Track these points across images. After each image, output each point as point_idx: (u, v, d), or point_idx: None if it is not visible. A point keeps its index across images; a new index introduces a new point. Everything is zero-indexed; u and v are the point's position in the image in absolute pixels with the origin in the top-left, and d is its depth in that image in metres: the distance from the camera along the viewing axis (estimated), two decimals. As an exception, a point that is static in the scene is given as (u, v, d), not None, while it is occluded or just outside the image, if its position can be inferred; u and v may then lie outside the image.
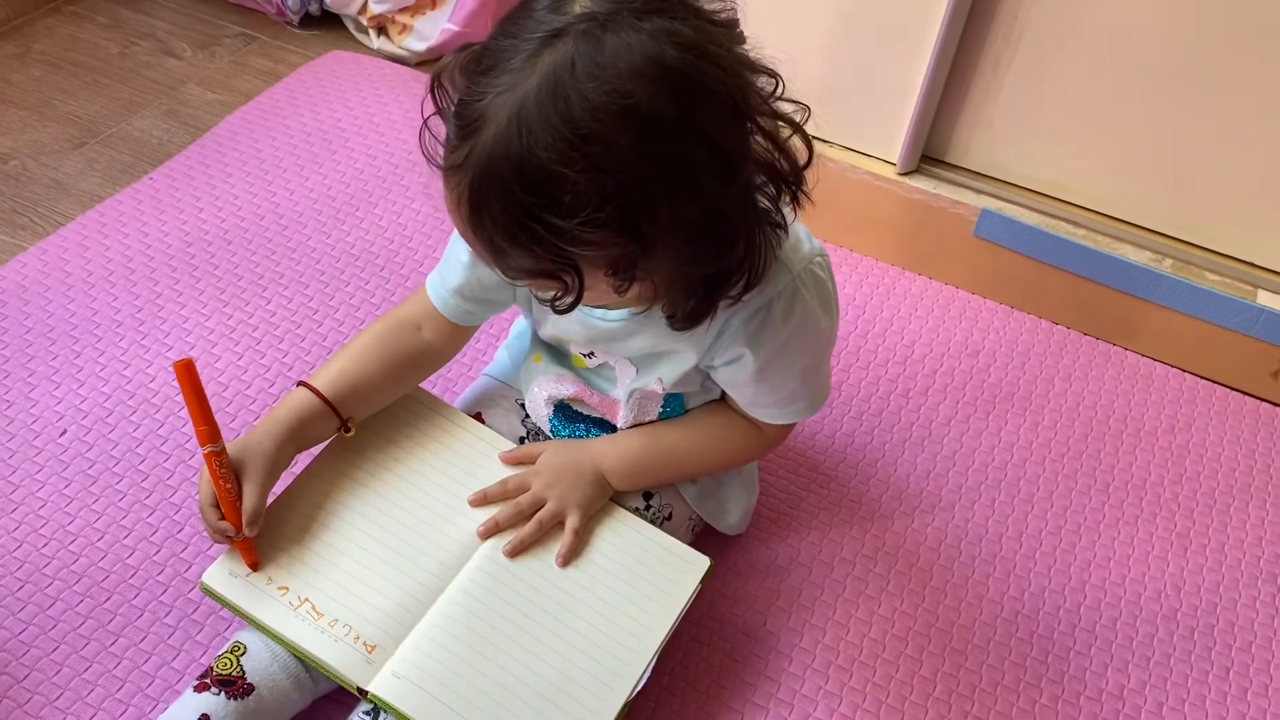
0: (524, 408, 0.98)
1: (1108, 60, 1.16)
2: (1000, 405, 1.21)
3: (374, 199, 1.36)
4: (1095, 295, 1.27)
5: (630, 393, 0.88)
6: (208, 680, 0.80)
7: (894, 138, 1.28)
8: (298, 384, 0.88)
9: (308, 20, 1.67)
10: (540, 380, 0.93)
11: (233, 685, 0.79)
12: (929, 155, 1.31)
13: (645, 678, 0.81)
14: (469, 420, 0.94)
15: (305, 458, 0.90)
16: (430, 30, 1.58)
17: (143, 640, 0.91)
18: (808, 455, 1.13)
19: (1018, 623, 1.01)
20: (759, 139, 0.68)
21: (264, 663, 0.81)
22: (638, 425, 0.91)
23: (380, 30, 1.63)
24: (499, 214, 0.63)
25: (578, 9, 0.62)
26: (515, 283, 0.71)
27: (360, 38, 1.65)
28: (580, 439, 0.93)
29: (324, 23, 1.68)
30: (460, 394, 1.04)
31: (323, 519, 0.86)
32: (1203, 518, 1.12)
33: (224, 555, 0.84)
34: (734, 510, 0.99)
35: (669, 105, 0.61)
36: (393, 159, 1.42)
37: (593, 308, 0.81)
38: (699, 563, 0.88)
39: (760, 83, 0.67)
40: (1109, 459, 1.16)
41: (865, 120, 1.29)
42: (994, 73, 1.22)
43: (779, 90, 0.68)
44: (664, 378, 0.85)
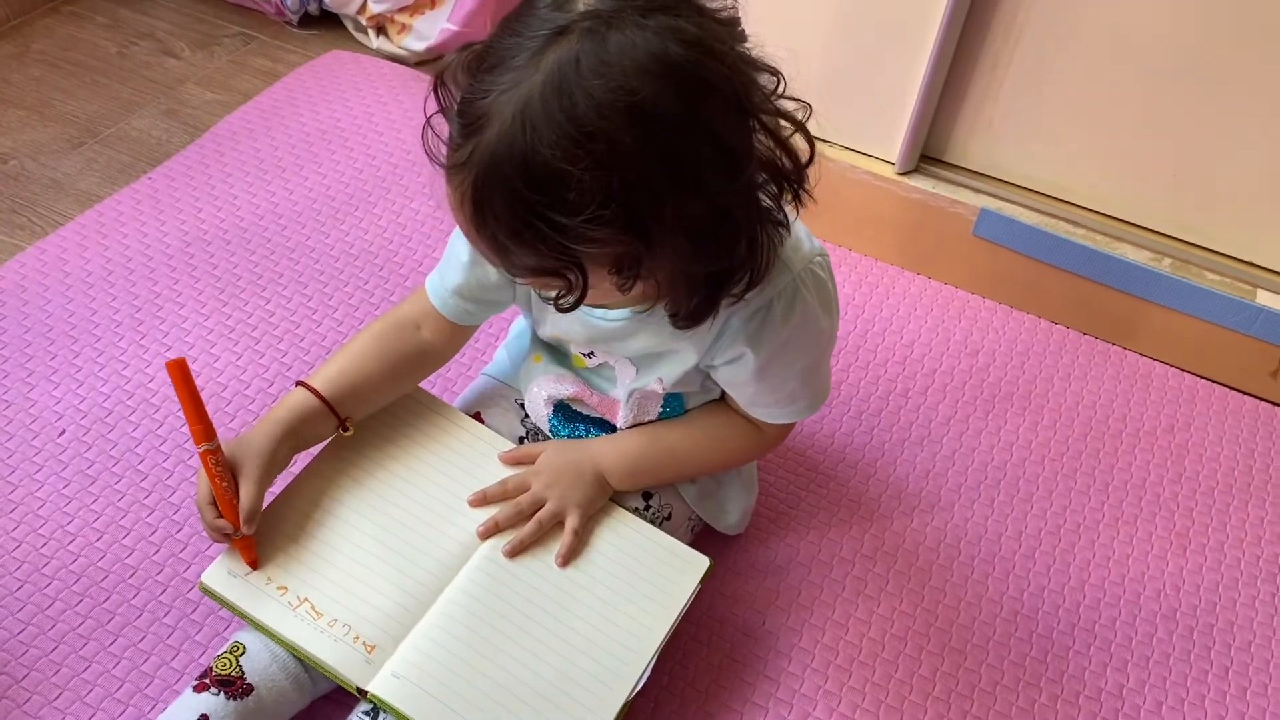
0: (523, 408, 0.98)
1: (1107, 60, 1.16)
2: (999, 405, 1.21)
3: (373, 199, 1.36)
4: (1094, 295, 1.27)
5: (630, 392, 0.88)
6: (207, 680, 0.80)
7: (893, 137, 1.28)
8: (296, 384, 0.88)
9: (307, 20, 1.67)
10: (540, 380, 0.93)
11: (232, 685, 0.79)
12: (928, 155, 1.31)
13: (645, 678, 0.81)
14: (468, 420, 0.94)
15: (305, 458, 0.90)
16: (429, 30, 1.58)
17: (142, 640, 0.91)
18: (807, 455, 1.13)
19: (1017, 622, 1.01)
20: (761, 137, 0.68)
21: (263, 663, 0.81)
22: (637, 425, 0.91)
23: (379, 30, 1.63)
24: (503, 212, 0.62)
25: (581, 6, 0.62)
26: (519, 281, 0.71)
27: (359, 37, 1.65)
28: (580, 439, 0.93)
29: (323, 22, 1.68)
30: (459, 394, 1.04)
31: (322, 518, 0.86)
32: (1202, 517, 1.12)
33: (223, 555, 0.84)
34: (733, 510, 0.99)
35: (673, 102, 0.61)
36: (392, 159, 1.42)
37: (593, 307, 0.81)
38: (699, 563, 0.88)
39: (762, 80, 0.67)
40: (1108, 458, 1.16)
41: (864, 120, 1.29)
42: (993, 72, 1.22)
43: (781, 88, 0.68)
44: (664, 377, 0.85)
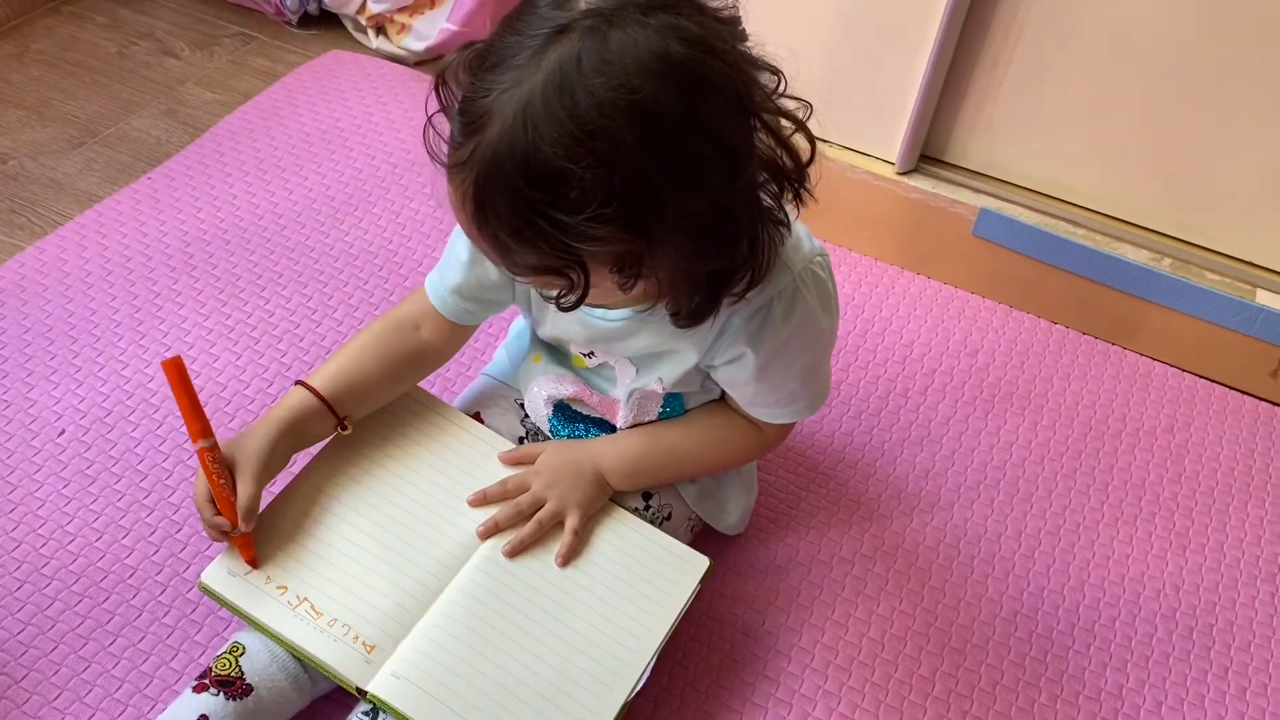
0: (523, 408, 0.98)
1: (1107, 60, 1.16)
2: (999, 405, 1.21)
3: (372, 199, 1.36)
4: (1094, 294, 1.27)
5: (630, 392, 0.88)
6: (206, 681, 0.80)
7: (893, 137, 1.28)
8: (295, 383, 0.88)
9: (306, 20, 1.67)
10: (540, 380, 0.93)
11: (231, 686, 0.79)
12: (928, 155, 1.31)
13: (645, 678, 0.81)
14: (468, 420, 0.94)
15: (304, 457, 0.90)
16: (429, 30, 1.58)
17: (141, 640, 0.91)
18: (807, 455, 1.13)
19: (1016, 622, 1.01)
20: (762, 136, 0.68)
21: (263, 663, 0.81)
22: (637, 425, 0.91)
23: (379, 30, 1.63)
24: (504, 210, 0.63)
25: (583, 5, 0.62)
26: (520, 280, 0.71)
27: (359, 37, 1.65)
28: (580, 439, 0.93)
29: (322, 22, 1.68)
30: (459, 394, 1.04)
31: (321, 518, 0.86)
32: (1201, 517, 1.12)
33: (222, 554, 0.84)
34: (733, 510, 0.99)
35: (675, 100, 0.61)
36: (391, 159, 1.42)
37: (593, 307, 0.81)
38: (698, 563, 0.88)
39: (763, 79, 0.67)
40: (1108, 458, 1.16)
41: (864, 120, 1.29)
42: (993, 72, 1.22)
43: (782, 87, 0.68)
44: (664, 377, 0.85)
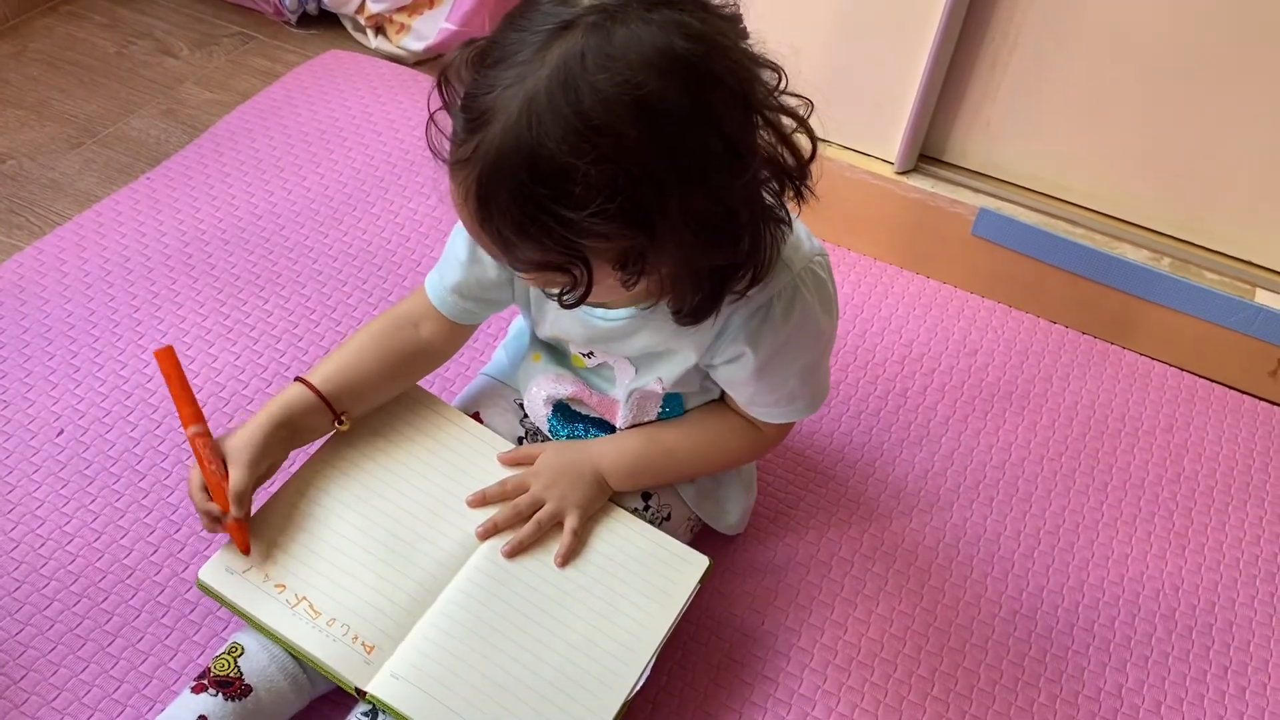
0: (522, 408, 0.98)
1: (1107, 60, 1.16)
2: (998, 404, 1.21)
3: (371, 199, 1.35)
4: (1093, 294, 1.27)
5: (629, 393, 0.88)
6: (205, 681, 0.80)
7: (892, 137, 1.28)
8: (295, 380, 0.88)
9: (305, 20, 1.67)
10: (539, 380, 0.93)
11: (230, 686, 0.79)
12: (927, 154, 1.31)
13: (644, 678, 0.81)
14: (468, 420, 0.94)
15: (303, 456, 0.90)
16: (428, 29, 1.58)
17: (140, 640, 0.91)
18: (806, 455, 1.13)
19: (1016, 622, 1.01)
20: (763, 133, 0.68)
21: (261, 664, 0.81)
22: (637, 425, 0.91)
23: (378, 30, 1.63)
24: (508, 206, 0.62)
25: (586, 1, 0.62)
26: (523, 276, 0.71)
27: (358, 37, 1.65)
28: (579, 440, 0.93)
29: (322, 22, 1.68)
30: (458, 394, 1.03)
31: (320, 517, 0.86)
32: (1201, 517, 1.12)
33: (220, 551, 0.84)
34: (733, 510, 0.99)
35: (679, 96, 0.61)
36: (390, 159, 1.42)
37: (593, 306, 0.81)
38: (698, 562, 0.88)
39: (764, 77, 0.67)
40: (1107, 458, 1.16)
41: (863, 119, 1.29)
42: (992, 72, 1.22)
43: (783, 84, 0.68)
44: (663, 377, 0.85)
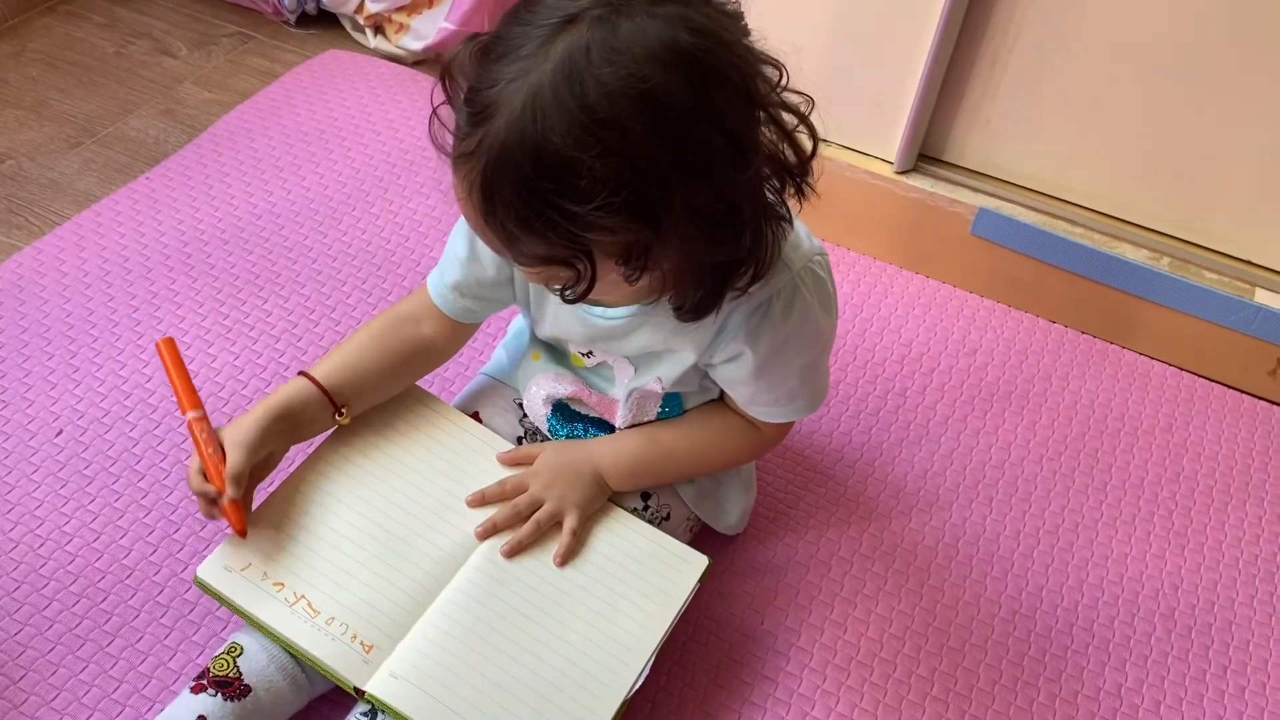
0: (521, 407, 0.98)
1: (1106, 59, 1.16)
2: (998, 404, 1.21)
3: (371, 199, 1.35)
4: (1093, 294, 1.26)
5: (629, 392, 0.87)
6: (204, 681, 0.80)
7: (891, 136, 1.28)
8: (298, 374, 0.88)
9: (304, 19, 1.67)
10: (539, 379, 0.93)
11: (229, 686, 0.79)
12: (926, 154, 1.31)
13: (643, 677, 0.81)
14: (467, 420, 0.94)
15: (302, 456, 0.90)
16: (427, 29, 1.58)
17: (139, 640, 0.91)
18: (806, 454, 1.12)
19: (1015, 622, 1.01)
20: (765, 130, 0.68)
21: (260, 664, 0.81)
22: (636, 425, 0.90)
23: (377, 29, 1.63)
24: (512, 200, 0.62)
25: None
26: (526, 269, 0.71)
27: (357, 37, 1.65)
28: (578, 439, 0.93)
29: (321, 22, 1.67)
30: (458, 393, 1.03)
31: (320, 516, 0.86)
32: (1200, 516, 1.12)
33: (218, 549, 0.84)
34: (732, 510, 0.99)
35: (684, 90, 0.61)
36: (390, 159, 1.41)
37: (593, 305, 0.81)
38: (697, 562, 0.88)
39: (765, 73, 0.67)
40: (1106, 457, 1.16)
41: (862, 119, 1.29)
42: (991, 71, 1.22)
43: (784, 80, 0.69)
44: (663, 377, 0.85)
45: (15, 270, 1.20)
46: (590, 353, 0.88)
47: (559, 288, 0.68)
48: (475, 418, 0.95)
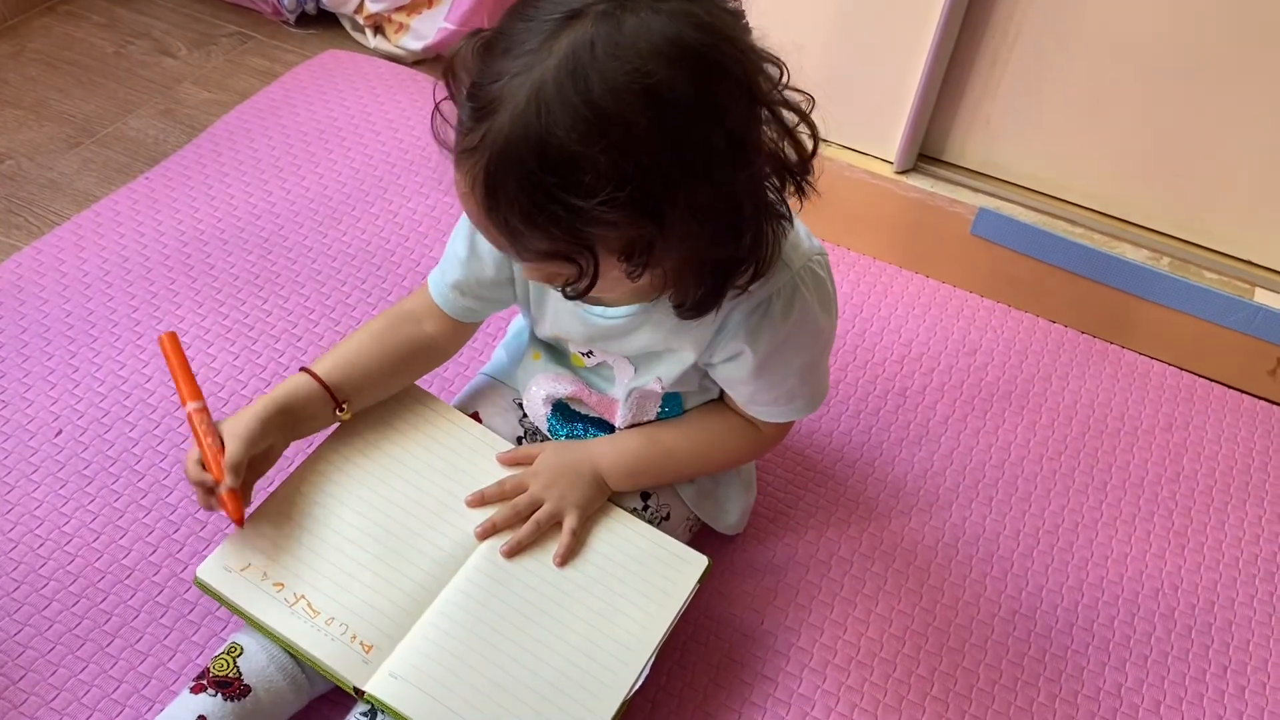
0: (521, 407, 0.98)
1: (1106, 59, 1.16)
2: (998, 404, 1.21)
3: (370, 199, 1.35)
4: (1093, 293, 1.26)
5: (629, 392, 0.87)
6: (204, 681, 0.80)
7: (891, 136, 1.28)
8: (299, 370, 0.88)
9: (304, 19, 1.67)
10: (538, 379, 0.93)
11: (229, 687, 0.79)
12: (926, 154, 1.31)
13: (643, 677, 0.81)
14: (467, 420, 0.94)
15: (302, 456, 0.89)
16: (427, 29, 1.58)
17: (139, 641, 0.90)
18: (806, 454, 1.12)
19: (1015, 622, 1.01)
20: (766, 128, 0.68)
21: (260, 664, 0.81)
22: (636, 425, 0.90)
23: (377, 29, 1.63)
24: (516, 195, 0.62)
25: None
26: (528, 265, 0.71)
27: (357, 37, 1.65)
28: (578, 439, 0.93)
29: (320, 22, 1.67)
30: (458, 393, 1.03)
31: (319, 516, 0.86)
32: (1200, 516, 1.12)
33: (218, 549, 0.84)
34: (732, 510, 0.99)
35: (688, 85, 0.61)
36: (389, 159, 1.41)
37: (592, 304, 0.81)
38: (697, 562, 0.88)
39: (767, 71, 0.67)
40: (1106, 457, 1.16)
41: (862, 119, 1.29)
42: (991, 71, 1.22)
43: (784, 78, 0.69)
44: (663, 376, 0.85)
45: (15, 270, 1.20)
46: (590, 352, 0.88)
47: (561, 285, 0.68)
48: (475, 418, 0.95)
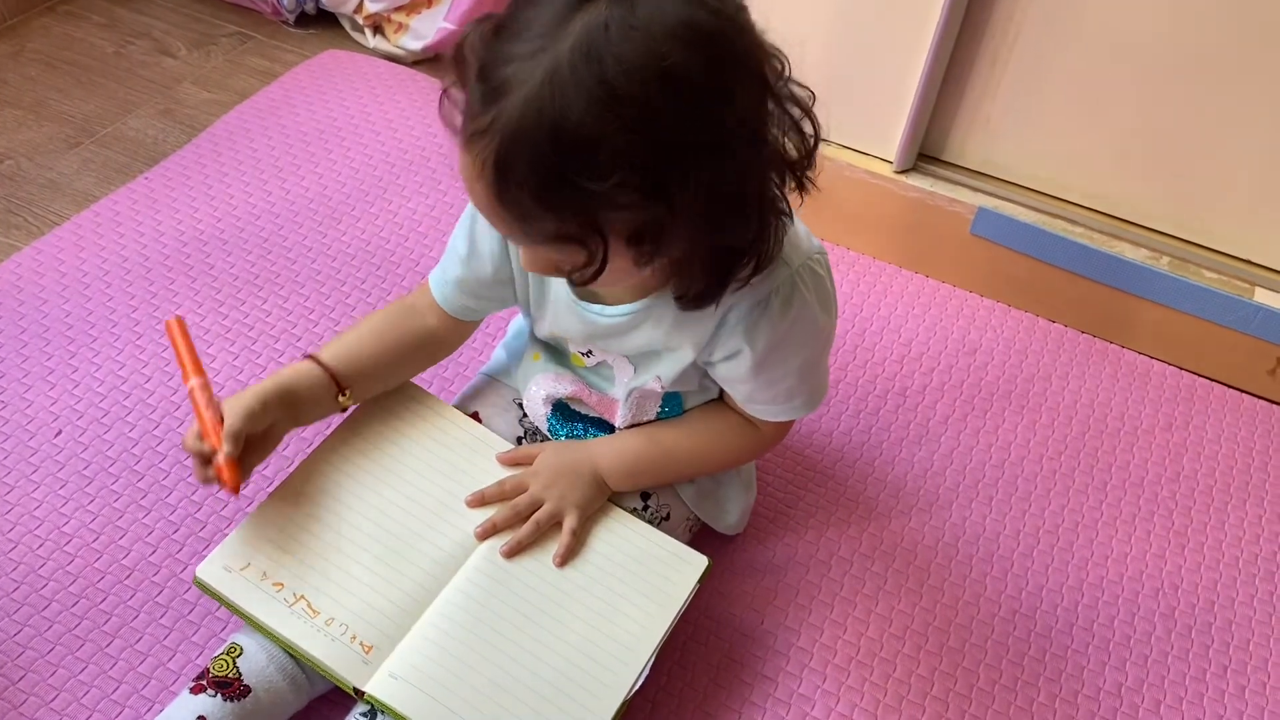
0: (521, 407, 0.98)
1: (1106, 58, 1.16)
2: (997, 403, 1.21)
3: (370, 199, 1.35)
4: (1092, 293, 1.26)
5: (629, 391, 0.87)
6: (204, 682, 0.80)
7: (891, 136, 1.28)
8: (303, 356, 0.88)
9: (303, 19, 1.67)
10: (538, 379, 0.93)
11: (229, 687, 0.79)
12: (926, 153, 1.31)
13: (643, 677, 0.81)
14: (467, 420, 0.94)
15: (302, 456, 0.89)
16: (426, 29, 1.58)
17: (139, 641, 0.90)
18: (805, 454, 1.12)
19: (1015, 622, 1.01)
20: (771, 120, 0.68)
21: (260, 664, 0.81)
22: (636, 425, 0.90)
23: (376, 29, 1.63)
24: (528, 177, 0.62)
25: None
26: (534, 253, 0.70)
27: (356, 36, 1.65)
28: (578, 439, 0.93)
29: (320, 21, 1.67)
30: (457, 393, 1.03)
31: (319, 516, 0.86)
32: (1200, 516, 1.12)
33: (217, 549, 0.84)
34: (732, 510, 0.99)
35: (702, 68, 0.61)
36: (389, 158, 1.41)
37: (593, 304, 0.81)
38: (697, 562, 0.88)
39: (772, 62, 0.68)
40: (1106, 457, 1.16)
41: (862, 118, 1.29)
42: (991, 70, 1.22)
43: (786, 72, 0.69)
44: (662, 376, 0.85)
45: (14, 270, 1.20)
46: (590, 352, 0.88)
47: (568, 271, 0.68)
48: (475, 417, 0.95)
